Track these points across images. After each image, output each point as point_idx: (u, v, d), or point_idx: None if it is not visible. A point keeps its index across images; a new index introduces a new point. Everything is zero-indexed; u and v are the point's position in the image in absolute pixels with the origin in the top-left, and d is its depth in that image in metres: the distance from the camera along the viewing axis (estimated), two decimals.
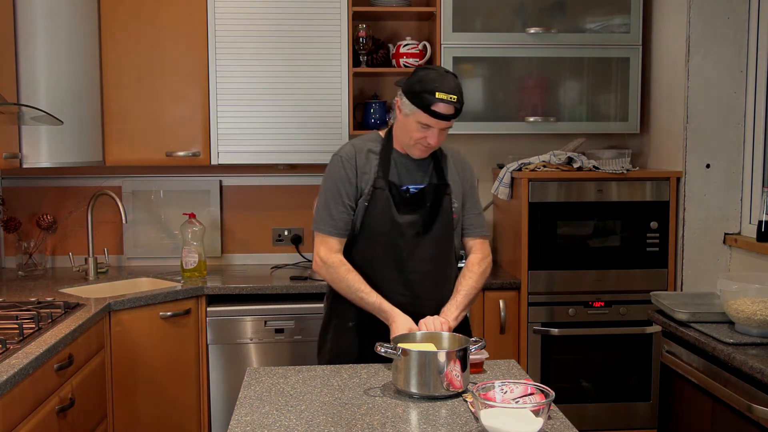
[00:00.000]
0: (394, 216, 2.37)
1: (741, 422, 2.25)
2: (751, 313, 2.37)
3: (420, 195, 2.40)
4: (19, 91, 3.18)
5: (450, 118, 2.29)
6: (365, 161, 2.41)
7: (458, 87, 2.29)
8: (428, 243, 2.41)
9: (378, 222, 2.38)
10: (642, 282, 3.47)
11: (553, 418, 1.84)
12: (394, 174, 2.41)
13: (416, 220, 2.39)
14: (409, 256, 2.39)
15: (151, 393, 3.18)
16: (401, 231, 2.38)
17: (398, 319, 2.26)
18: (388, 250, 2.39)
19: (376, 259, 2.40)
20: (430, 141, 2.33)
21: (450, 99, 2.25)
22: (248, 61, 3.52)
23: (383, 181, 2.38)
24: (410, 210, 2.39)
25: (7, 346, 2.28)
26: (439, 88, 2.25)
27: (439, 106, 2.25)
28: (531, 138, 3.91)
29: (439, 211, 2.42)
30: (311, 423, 1.82)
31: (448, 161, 2.51)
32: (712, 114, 3.37)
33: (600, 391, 3.53)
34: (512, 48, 3.61)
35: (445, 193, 2.44)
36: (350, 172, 2.39)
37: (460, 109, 2.30)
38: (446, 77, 2.28)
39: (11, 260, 3.80)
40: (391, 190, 2.38)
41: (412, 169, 2.43)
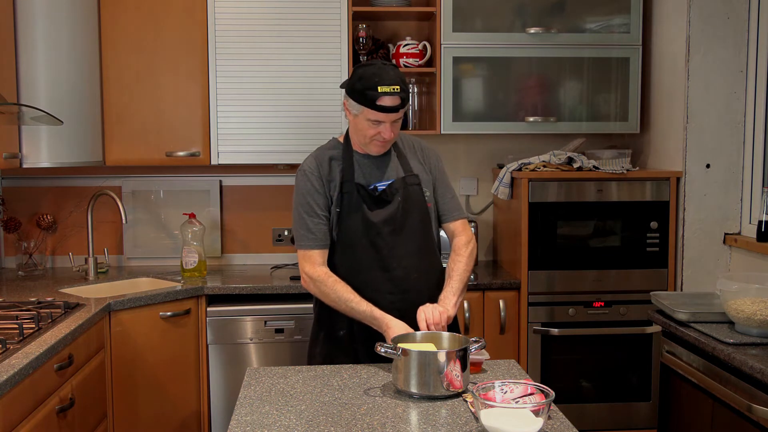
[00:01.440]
0: (368, 216, 2.36)
1: (741, 422, 2.25)
2: (751, 313, 2.37)
3: (389, 191, 2.39)
4: (19, 91, 3.18)
5: (398, 109, 2.27)
6: (329, 169, 2.40)
7: (400, 76, 2.28)
8: (407, 237, 2.40)
9: (353, 226, 2.37)
10: (642, 282, 3.48)
11: (553, 418, 1.84)
12: (360, 175, 2.40)
13: (390, 217, 2.38)
14: (391, 254, 2.38)
15: (151, 393, 3.18)
16: (377, 230, 2.37)
17: (393, 324, 2.24)
18: (368, 251, 2.38)
19: (358, 263, 2.38)
20: (385, 135, 2.31)
21: (393, 90, 2.23)
22: (248, 61, 3.52)
23: (350, 184, 2.37)
24: (382, 207, 2.38)
25: (7, 346, 2.28)
26: (380, 81, 2.24)
27: (384, 100, 2.24)
28: (531, 138, 3.91)
29: (412, 203, 2.40)
30: (311, 423, 1.82)
31: (412, 151, 2.49)
32: (712, 114, 3.37)
33: (600, 391, 3.53)
34: (512, 48, 3.61)
35: (414, 184, 2.42)
36: (317, 183, 2.39)
37: (406, 98, 2.28)
38: (385, 69, 2.27)
39: (11, 260, 3.80)
40: (359, 192, 2.37)
41: (376, 167, 2.42)
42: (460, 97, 3.62)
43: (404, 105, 2.29)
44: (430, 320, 2.23)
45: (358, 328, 2.38)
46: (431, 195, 2.47)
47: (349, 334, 2.41)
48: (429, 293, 2.40)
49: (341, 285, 2.34)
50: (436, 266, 2.50)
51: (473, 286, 3.43)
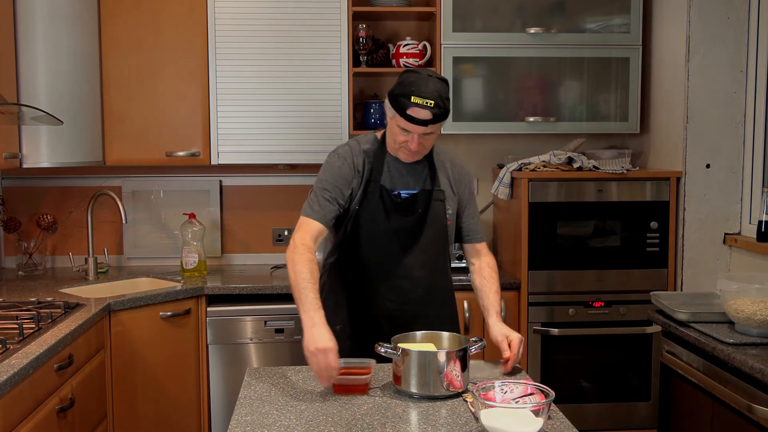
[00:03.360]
0: (385, 221, 2.34)
1: (741, 422, 2.25)
2: (751, 313, 2.37)
3: (411, 200, 2.37)
4: (19, 91, 3.18)
5: (427, 123, 2.22)
6: (361, 163, 2.38)
7: (440, 92, 2.21)
8: (420, 249, 2.38)
9: (368, 226, 2.36)
10: (642, 282, 3.47)
11: (553, 418, 1.84)
12: (387, 178, 2.37)
13: (407, 226, 2.36)
14: (399, 262, 2.37)
15: (151, 393, 3.18)
16: (391, 236, 2.35)
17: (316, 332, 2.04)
18: (377, 254, 2.36)
19: (365, 263, 2.37)
20: (411, 147, 2.27)
21: (426, 104, 2.18)
22: (248, 61, 3.52)
23: (375, 184, 2.35)
24: (401, 215, 2.36)
25: (7, 346, 2.28)
26: (416, 92, 2.19)
27: (414, 111, 2.19)
28: (531, 138, 3.91)
29: (432, 217, 2.38)
30: (311, 423, 1.82)
31: (443, 167, 2.45)
32: (712, 114, 3.37)
33: (600, 391, 3.53)
34: (512, 48, 3.61)
35: (439, 200, 2.40)
36: (346, 169, 2.36)
37: (441, 115, 2.21)
38: (427, 81, 2.21)
39: (11, 260, 3.80)
40: (382, 195, 2.35)
41: (406, 173, 2.39)
42: (460, 98, 3.62)
43: (437, 121, 2.23)
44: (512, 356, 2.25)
45: (355, 324, 2.38)
46: (453, 213, 2.45)
47: (346, 330, 2.40)
48: (431, 310, 2.39)
49: (311, 265, 2.20)
50: (445, 285, 2.49)
51: None
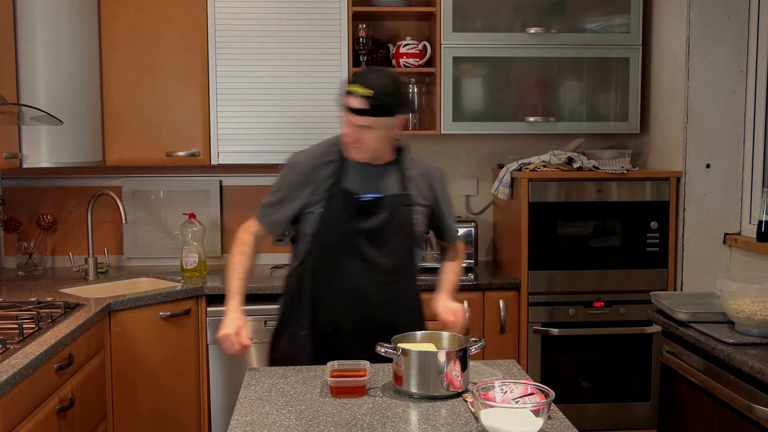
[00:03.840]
0: (347, 225, 2.31)
1: (741, 422, 2.25)
2: (751, 313, 2.37)
3: (375, 204, 2.32)
4: (19, 91, 3.18)
5: (362, 113, 2.18)
6: (321, 168, 2.34)
7: (383, 85, 2.18)
8: (384, 255, 2.34)
9: (330, 231, 2.32)
10: (642, 282, 3.48)
11: (553, 418, 1.84)
12: (351, 182, 2.33)
13: (370, 231, 2.32)
14: (363, 268, 2.32)
15: (151, 393, 3.18)
16: (353, 241, 2.31)
17: (228, 318, 2.21)
18: (340, 259, 2.33)
19: (327, 268, 2.35)
20: (347, 138, 2.26)
21: (360, 92, 2.15)
22: (248, 61, 3.52)
23: (338, 187, 2.32)
24: (364, 220, 2.31)
25: (7, 346, 2.28)
26: (356, 80, 2.18)
27: (351, 100, 2.18)
28: (531, 138, 3.91)
29: (398, 222, 2.34)
30: (311, 423, 1.82)
31: (415, 172, 2.41)
32: (712, 114, 3.37)
33: (600, 391, 3.53)
34: (512, 48, 3.61)
35: (405, 204, 2.36)
36: (294, 178, 2.36)
37: (378, 108, 2.18)
38: (373, 73, 2.22)
39: (11, 260, 3.80)
40: (344, 198, 2.31)
41: (373, 177, 2.35)
42: (460, 97, 3.62)
43: (374, 114, 2.18)
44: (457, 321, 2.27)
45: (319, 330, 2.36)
46: (423, 219, 2.41)
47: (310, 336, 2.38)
48: (397, 316, 2.36)
49: (242, 257, 2.35)
50: (411, 290, 2.47)
51: (473, 286, 3.43)
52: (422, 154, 3.76)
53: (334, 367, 2.08)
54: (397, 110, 2.24)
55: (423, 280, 3.45)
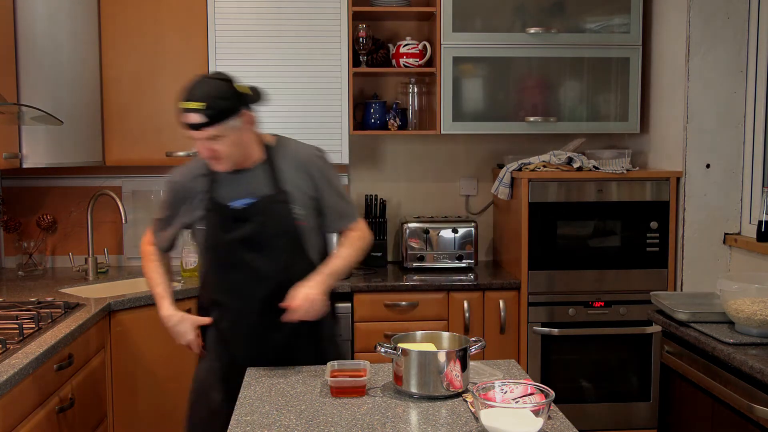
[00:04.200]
0: (224, 236, 2.29)
1: (741, 422, 2.25)
2: (751, 313, 2.37)
3: (248, 211, 2.28)
4: (19, 91, 3.18)
5: (201, 126, 2.15)
6: (195, 184, 2.35)
7: (211, 92, 2.14)
8: (268, 258, 2.29)
9: (211, 244, 2.33)
10: (642, 282, 3.48)
11: (553, 418, 1.84)
12: (224, 192, 2.31)
13: (248, 237, 2.28)
14: (250, 275, 2.29)
15: (151, 393, 3.18)
16: (234, 250, 2.29)
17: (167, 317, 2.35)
18: (226, 271, 2.32)
19: (218, 281, 2.35)
20: (202, 154, 2.22)
21: (193, 107, 2.12)
22: (248, 61, 3.52)
23: (211, 202, 2.31)
24: (239, 227, 2.28)
25: (7, 346, 2.28)
26: (186, 97, 2.15)
27: (187, 117, 2.15)
28: (531, 138, 3.91)
29: (276, 222, 2.29)
30: (311, 423, 1.83)
31: (287, 165, 2.34)
32: (712, 114, 3.37)
33: (600, 391, 3.53)
34: (512, 48, 3.61)
35: (281, 202, 2.30)
36: (169, 197, 2.41)
37: (215, 116, 2.13)
38: (200, 84, 2.17)
39: (11, 260, 3.79)
40: (217, 209, 2.30)
41: (243, 183, 2.31)
42: (460, 97, 3.62)
43: (213, 122, 2.14)
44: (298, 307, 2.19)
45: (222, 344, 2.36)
46: (306, 213, 2.33)
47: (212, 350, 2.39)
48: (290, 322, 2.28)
49: (152, 264, 2.47)
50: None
51: (473, 286, 3.43)
52: (420, 154, 3.77)
53: (334, 367, 2.09)
54: (237, 109, 2.18)
55: (423, 280, 3.48)
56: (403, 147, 3.99)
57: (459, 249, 3.66)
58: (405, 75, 3.85)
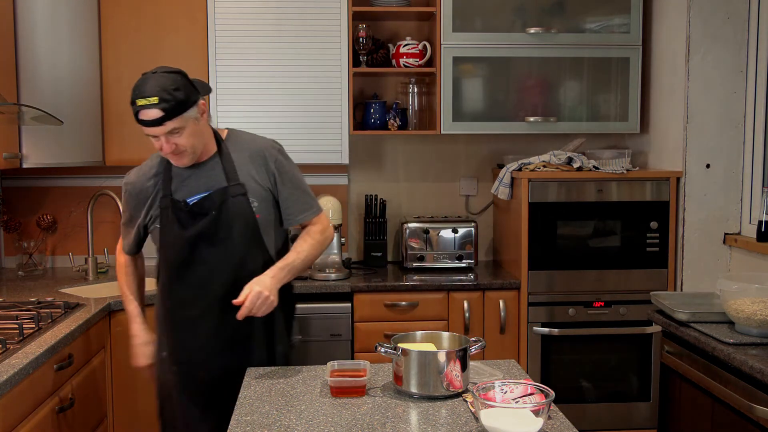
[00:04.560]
0: (180, 233, 2.27)
1: (741, 422, 2.25)
2: (751, 313, 2.37)
3: (204, 204, 2.26)
4: (19, 91, 3.18)
5: (161, 121, 2.13)
6: (149, 183, 2.34)
7: (163, 86, 2.11)
8: (225, 252, 2.27)
9: (168, 242, 2.31)
10: (642, 282, 3.48)
11: (553, 418, 1.84)
12: (178, 188, 2.29)
13: (204, 232, 2.26)
14: (208, 271, 2.28)
15: (151, 393, 3.16)
16: (191, 247, 2.27)
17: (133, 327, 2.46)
18: (185, 268, 2.29)
19: (176, 280, 2.32)
20: (164, 150, 2.20)
21: (150, 103, 2.10)
22: (248, 60, 3.52)
23: (166, 199, 2.29)
24: (195, 223, 2.26)
25: (7, 346, 2.28)
26: (138, 94, 2.13)
27: (143, 113, 2.13)
28: (531, 138, 3.91)
29: (233, 215, 2.26)
30: (311, 423, 1.83)
31: (242, 157, 2.32)
32: (712, 114, 3.37)
33: (600, 391, 3.53)
34: (512, 48, 3.61)
35: (238, 194, 2.27)
36: (129, 199, 2.39)
37: (172, 109, 2.12)
38: (150, 78, 2.14)
39: (11, 260, 3.79)
40: (172, 207, 2.28)
41: (198, 177, 2.29)
42: (460, 97, 3.62)
43: (171, 116, 2.12)
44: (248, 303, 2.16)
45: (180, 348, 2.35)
46: (262, 205, 2.30)
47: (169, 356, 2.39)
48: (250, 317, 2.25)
49: (125, 278, 2.51)
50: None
51: (473, 286, 3.43)
52: (420, 154, 3.77)
53: (334, 367, 2.09)
54: (191, 98, 2.16)
55: (423, 280, 3.48)
56: (403, 147, 3.99)
57: (459, 249, 3.66)
58: (405, 75, 3.85)
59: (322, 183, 3.90)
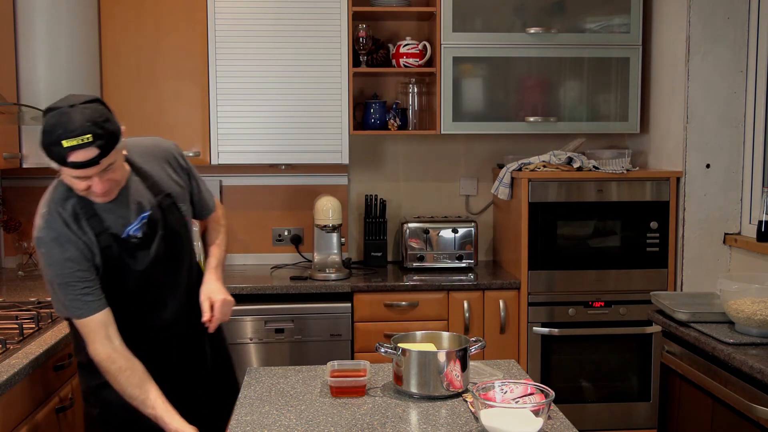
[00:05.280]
0: (133, 267, 2.01)
1: (741, 422, 2.25)
2: (751, 313, 2.37)
3: (147, 230, 2.02)
4: (19, 91, 3.18)
5: (97, 161, 1.81)
6: (74, 227, 1.95)
7: (92, 119, 1.81)
8: (179, 269, 2.13)
9: (120, 283, 2.01)
10: (642, 282, 3.48)
11: (553, 418, 1.84)
12: (110, 223, 1.98)
13: (157, 258, 2.04)
14: (164, 298, 2.11)
15: None
16: (148, 278, 2.04)
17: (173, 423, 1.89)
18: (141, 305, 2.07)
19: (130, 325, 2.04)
20: (96, 189, 1.87)
21: (81, 142, 1.78)
22: (248, 61, 3.52)
23: (105, 236, 1.97)
24: (145, 251, 2.02)
25: (7, 346, 2.28)
26: (64, 134, 1.77)
27: (75, 155, 1.79)
28: (531, 138, 3.91)
29: (174, 229, 2.08)
30: (311, 423, 1.83)
31: (153, 164, 2.10)
32: (712, 114, 3.37)
33: (600, 391, 3.53)
34: (512, 48, 3.61)
35: (170, 205, 2.08)
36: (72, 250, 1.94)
37: (106, 144, 1.82)
38: (72, 114, 1.80)
39: (11, 260, 3.79)
40: (116, 243, 1.98)
41: (121, 206, 2.00)
42: (460, 97, 3.62)
43: (107, 152, 1.82)
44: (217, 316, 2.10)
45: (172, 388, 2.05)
46: (187, 206, 2.16)
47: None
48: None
49: (128, 374, 1.93)
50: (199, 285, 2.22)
51: (473, 286, 3.43)
52: (420, 154, 3.77)
53: (334, 367, 2.09)
54: (119, 127, 1.91)
55: (423, 280, 3.48)
56: (403, 147, 3.99)
57: (459, 249, 3.66)
58: (405, 75, 3.85)
59: (322, 183, 3.90)
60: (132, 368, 1.94)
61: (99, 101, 1.90)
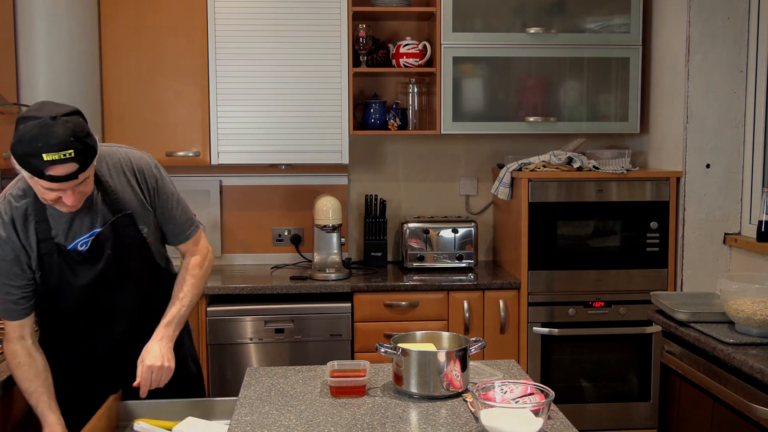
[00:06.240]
0: (72, 281, 1.99)
1: (741, 422, 2.25)
2: (751, 313, 2.37)
3: (94, 246, 1.99)
4: (19, 91, 3.18)
5: (76, 175, 1.81)
6: (23, 226, 1.96)
7: (73, 133, 1.79)
8: (127, 291, 2.08)
9: (57, 294, 2.01)
10: (642, 282, 3.48)
11: (553, 418, 1.84)
12: (58, 231, 1.97)
13: (100, 276, 2.01)
14: (110, 318, 2.08)
15: None
16: (90, 296, 2.03)
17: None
18: (84, 321, 2.07)
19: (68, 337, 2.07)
20: (67, 202, 1.86)
21: (63, 157, 1.76)
22: (248, 61, 3.52)
23: (48, 243, 1.96)
24: (89, 267, 1.99)
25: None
26: (45, 148, 1.75)
27: (54, 169, 1.78)
28: (531, 138, 3.91)
29: (127, 249, 2.04)
30: (311, 423, 1.83)
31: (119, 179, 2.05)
32: (712, 114, 3.37)
33: (600, 391, 3.53)
34: (512, 48, 3.61)
35: (128, 225, 2.03)
36: (8, 248, 1.95)
37: (86, 159, 1.82)
38: (54, 127, 1.77)
39: None
40: (59, 253, 1.96)
41: (76, 218, 1.98)
42: (460, 97, 3.62)
43: (86, 166, 1.82)
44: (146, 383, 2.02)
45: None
46: (150, 228, 2.10)
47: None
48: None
49: (24, 372, 1.98)
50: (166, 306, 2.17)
51: (473, 286, 3.43)
52: (419, 154, 3.75)
53: (334, 367, 2.09)
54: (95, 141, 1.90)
55: (423, 280, 3.48)
56: (403, 147, 3.99)
57: (459, 249, 3.66)
58: (405, 75, 3.85)
59: (322, 183, 3.90)
60: (30, 365, 1.99)
61: (79, 113, 1.89)
